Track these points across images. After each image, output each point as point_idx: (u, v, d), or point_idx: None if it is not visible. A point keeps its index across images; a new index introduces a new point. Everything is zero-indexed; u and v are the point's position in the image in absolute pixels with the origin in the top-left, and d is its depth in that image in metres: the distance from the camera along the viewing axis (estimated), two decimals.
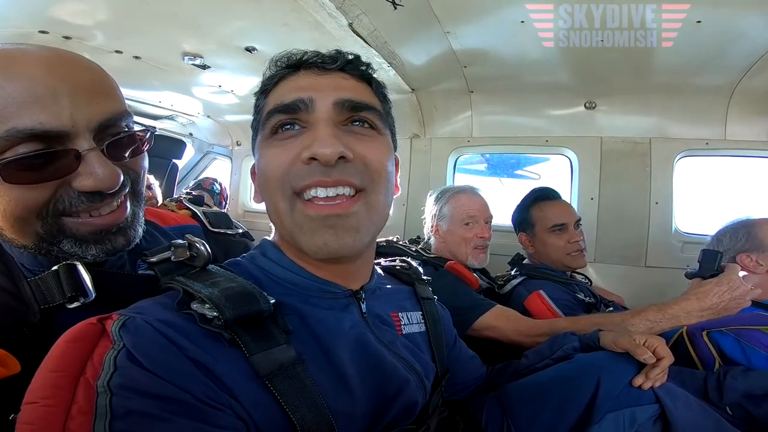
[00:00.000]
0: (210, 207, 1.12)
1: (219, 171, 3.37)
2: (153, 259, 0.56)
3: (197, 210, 1.00)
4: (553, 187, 1.66)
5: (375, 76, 0.65)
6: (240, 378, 0.45)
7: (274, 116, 0.56)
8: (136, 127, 0.60)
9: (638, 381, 0.74)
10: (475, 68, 1.90)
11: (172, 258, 0.55)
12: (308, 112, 0.55)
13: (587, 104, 2.07)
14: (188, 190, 2.56)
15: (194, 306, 0.46)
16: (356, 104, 0.57)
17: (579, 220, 1.57)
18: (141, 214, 0.64)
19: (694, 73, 1.74)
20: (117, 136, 0.55)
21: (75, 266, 0.55)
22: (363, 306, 0.62)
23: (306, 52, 0.61)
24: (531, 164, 2.70)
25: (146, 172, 0.66)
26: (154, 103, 2.40)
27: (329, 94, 0.56)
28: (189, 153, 3.30)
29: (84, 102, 0.51)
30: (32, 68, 0.49)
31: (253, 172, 0.65)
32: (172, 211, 0.97)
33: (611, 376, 0.74)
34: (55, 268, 0.55)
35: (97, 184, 0.52)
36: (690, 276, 1.12)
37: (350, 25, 1.42)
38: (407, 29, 1.60)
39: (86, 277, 0.55)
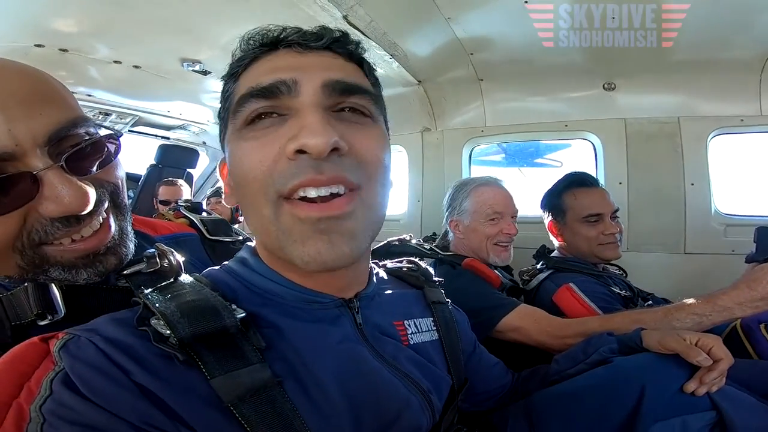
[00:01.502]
0: (210, 214, 1.07)
1: None
2: (127, 272, 0.51)
3: (194, 218, 0.96)
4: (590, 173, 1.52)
5: (366, 57, 0.56)
6: (197, 404, 0.39)
7: (249, 102, 0.47)
8: (102, 132, 0.53)
9: (691, 386, 0.64)
10: (483, 54, 1.80)
11: (143, 270, 0.51)
12: (291, 96, 0.46)
13: (606, 85, 1.94)
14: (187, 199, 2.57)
15: (153, 322, 0.41)
16: (348, 86, 0.48)
17: (617, 210, 1.41)
18: (129, 228, 0.57)
19: (720, 47, 1.61)
20: (76, 147, 0.48)
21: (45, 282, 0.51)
22: (358, 317, 0.54)
23: (285, 28, 0.51)
24: (551, 152, 2.57)
25: (125, 181, 0.59)
26: (163, 113, 2.41)
27: (316, 74, 0.47)
28: (204, 162, 3.33)
29: (22, 115, 0.44)
30: None
31: (222, 168, 0.57)
32: (169, 220, 0.93)
33: (658, 382, 0.65)
34: (25, 284, 0.51)
35: (65, 208, 0.45)
36: (749, 260, 0.98)
37: (345, 17, 1.35)
38: (406, 18, 1.53)
39: (56, 293, 0.51)
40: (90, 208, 0.47)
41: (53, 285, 0.51)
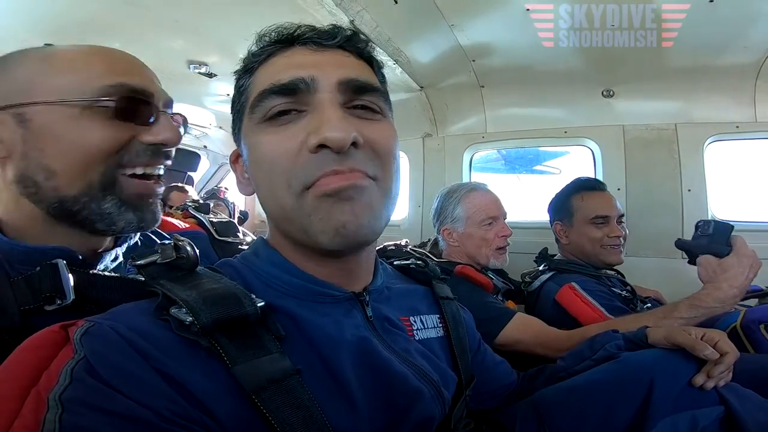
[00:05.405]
0: (217, 215, 1.08)
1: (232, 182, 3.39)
2: (140, 262, 0.51)
3: (203, 218, 0.96)
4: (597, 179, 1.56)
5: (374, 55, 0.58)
6: (219, 392, 0.39)
7: (269, 99, 0.49)
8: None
9: (699, 380, 0.65)
10: (484, 61, 1.84)
11: (158, 260, 0.50)
12: (309, 92, 0.48)
13: (605, 92, 1.97)
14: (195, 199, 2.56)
15: (173, 311, 0.41)
16: (361, 85, 0.50)
17: (622, 216, 1.45)
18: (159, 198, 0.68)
19: (716, 54, 1.65)
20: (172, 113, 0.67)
21: (56, 265, 0.51)
22: (368, 309, 0.55)
23: (300, 26, 0.53)
24: (550, 159, 2.60)
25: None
26: None
27: (332, 72, 0.49)
28: (204, 166, 3.32)
29: (149, 78, 0.63)
30: (116, 52, 0.61)
31: (234, 160, 0.58)
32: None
33: (666, 376, 0.65)
34: (37, 268, 0.51)
35: (164, 137, 0.61)
36: (683, 246, 1.08)
37: (351, 22, 1.38)
38: (411, 24, 1.56)
39: (68, 277, 0.51)
40: (179, 144, 0.64)
41: (68, 273, 0.52)
